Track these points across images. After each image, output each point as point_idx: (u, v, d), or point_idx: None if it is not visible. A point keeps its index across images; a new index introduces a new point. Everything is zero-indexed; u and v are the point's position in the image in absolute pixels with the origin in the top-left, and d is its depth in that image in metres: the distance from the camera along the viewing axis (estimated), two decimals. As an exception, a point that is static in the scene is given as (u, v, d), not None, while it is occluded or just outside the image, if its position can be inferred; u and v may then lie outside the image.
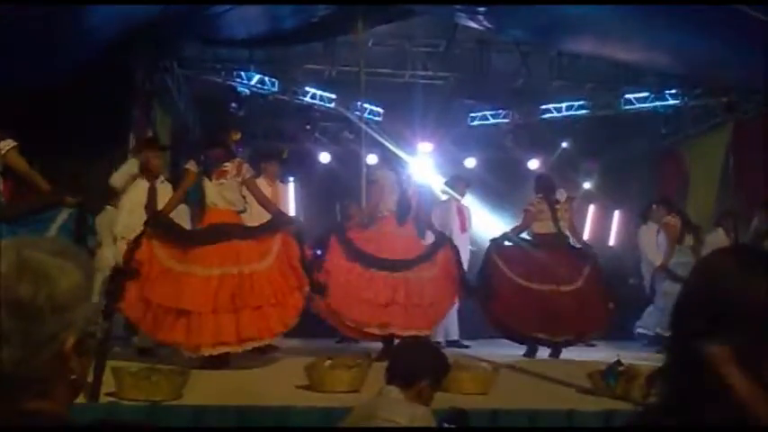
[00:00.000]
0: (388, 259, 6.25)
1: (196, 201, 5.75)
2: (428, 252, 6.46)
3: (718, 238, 8.09)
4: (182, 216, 6.14)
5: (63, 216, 5.56)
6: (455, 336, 7.99)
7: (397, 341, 6.06)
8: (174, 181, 10.23)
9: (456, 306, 7.23)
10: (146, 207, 6.32)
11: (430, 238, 6.92)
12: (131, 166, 6.67)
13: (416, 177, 7.01)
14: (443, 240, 6.69)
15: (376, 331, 6.20)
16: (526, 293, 7.00)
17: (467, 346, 7.81)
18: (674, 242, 8.16)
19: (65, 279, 1.18)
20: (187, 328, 5.19)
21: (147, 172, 6.51)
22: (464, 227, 8.21)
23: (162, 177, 6.66)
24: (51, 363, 1.16)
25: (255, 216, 6.13)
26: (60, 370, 1.17)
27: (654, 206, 8.94)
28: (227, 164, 5.68)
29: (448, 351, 7.00)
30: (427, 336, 6.86)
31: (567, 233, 7.42)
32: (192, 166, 5.72)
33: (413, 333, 6.23)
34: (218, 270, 5.32)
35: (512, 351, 7.10)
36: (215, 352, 5.19)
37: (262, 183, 7.29)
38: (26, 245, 1.19)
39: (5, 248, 1.17)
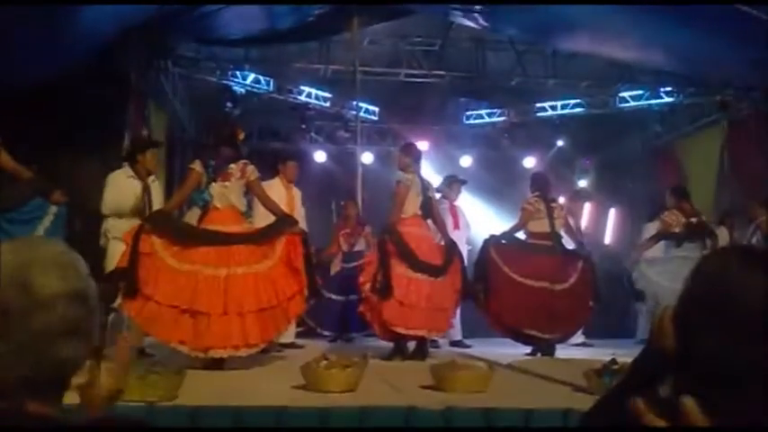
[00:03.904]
0: (431, 264, 6.34)
1: (200, 202, 5.69)
2: (447, 261, 6.52)
3: (722, 237, 8.04)
4: (193, 220, 6.08)
5: (50, 217, 5.54)
6: (458, 336, 8.01)
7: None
8: (171, 181, 10.28)
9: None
10: (140, 206, 6.27)
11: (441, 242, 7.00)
12: (121, 179, 6.41)
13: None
14: (455, 250, 6.74)
15: (417, 333, 6.29)
16: (522, 290, 7.03)
17: (469, 346, 7.83)
18: (659, 236, 8.03)
19: (86, 275, 1.22)
20: (194, 328, 5.15)
21: (142, 171, 6.41)
22: (457, 225, 8.23)
23: (153, 176, 6.57)
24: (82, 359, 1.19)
25: (262, 217, 6.10)
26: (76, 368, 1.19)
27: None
28: (231, 165, 5.62)
29: (451, 351, 7.09)
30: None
31: (562, 232, 7.45)
32: (196, 165, 5.66)
33: (436, 336, 6.87)
34: (224, 270, 5.27)
35: (509, 350, 7.11)
36: (225, 354, 5.17)
37: (278, 184, 7.29)
38: (44, 242, 1.24)
39: (26, 246, 1.20)
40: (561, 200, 7.74)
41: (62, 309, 1.14)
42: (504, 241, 7.33)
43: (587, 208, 12.41)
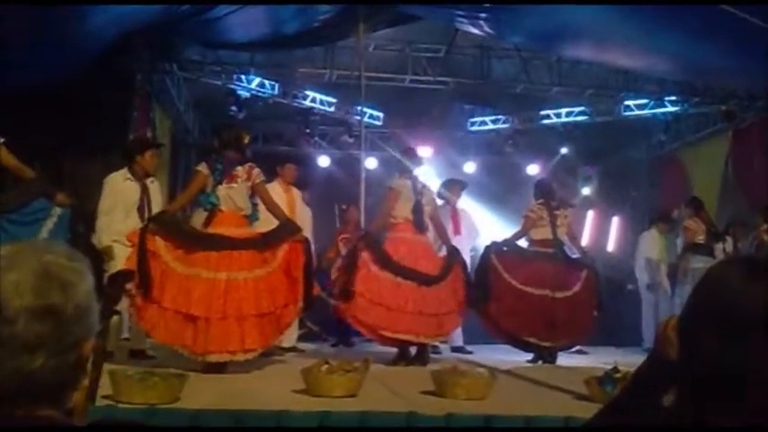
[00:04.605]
0: (418, 271, 6.33)
1: (207, 205, 5.68)
2: (445, 270, 6.51)
3: (729, 247, 8.06)
4: (198, 222, 6.06)
5: (53, 219, 5.52)
6: (459, 342, 8.00)
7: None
8: (174, 183, 10.30)
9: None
10: (138, 208, 6.19)
11: (443, 249, 6.98)
12: (118, 181, 6.30)
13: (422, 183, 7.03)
14: (455, 257, 6.73)
15: (405, 337, 6.29)
16: (522, 297, 7.02)
17: (470, 352, 7.82)
18: (689, 247, 8.12)
19: (84, 283, 1.18)
20: (195, 332, 5.16)
21: (141, 173, 6.32)
22: (458, 230, 8.21)
23: (152, 178, 6.48)
24: (72, 368, 1.16)
25: (266, 221, 6.12)
26: (75, 375, 1.17)
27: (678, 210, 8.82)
28: (238, 168, 5.63)
29: (452, 357, 7.08)
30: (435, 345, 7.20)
31: (565, 239, 7.44)
32: (203, 168, 5.66)
33: (428, 341, 6.60)
34: (224, 274, 5.27)
35: (511, 357, 7.10)
36: (222, 359, 5.16)
37: (277, 186, 7.29)
38: (42, 249, 1.18)
39: (21, 252, 1.16)
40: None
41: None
42: (505, 248, 7.33)
43: (590, 216, 12.43)
